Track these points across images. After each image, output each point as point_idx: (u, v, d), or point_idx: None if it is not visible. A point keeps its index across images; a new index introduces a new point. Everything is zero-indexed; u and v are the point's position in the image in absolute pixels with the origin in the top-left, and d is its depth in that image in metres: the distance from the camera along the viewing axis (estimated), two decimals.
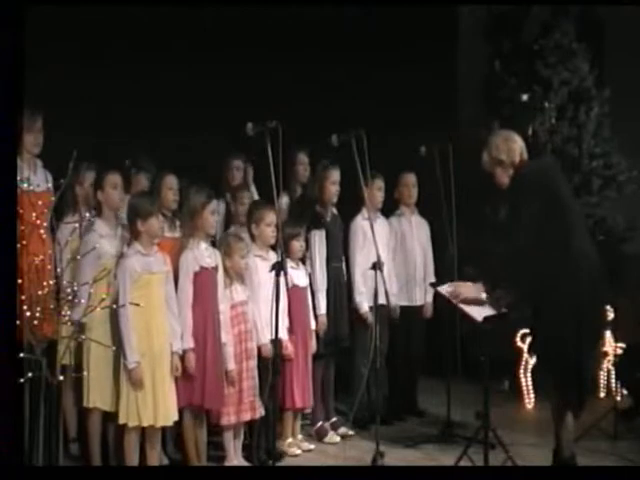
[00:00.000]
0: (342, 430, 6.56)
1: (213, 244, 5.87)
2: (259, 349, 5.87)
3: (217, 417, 5.69)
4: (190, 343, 5.46)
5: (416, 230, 7.27)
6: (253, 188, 6.98)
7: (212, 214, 5.64)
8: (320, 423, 6.56)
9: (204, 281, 5.56)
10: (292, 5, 7.85)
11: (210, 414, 5.69)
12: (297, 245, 6.23)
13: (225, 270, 5.73)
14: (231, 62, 7.94)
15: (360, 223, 6.81)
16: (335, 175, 6.62)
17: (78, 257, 5.18)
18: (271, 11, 7.94)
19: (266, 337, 5.84)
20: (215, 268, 5.63)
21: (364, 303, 6.70)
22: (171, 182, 5.95)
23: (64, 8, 6.67)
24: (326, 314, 6.47)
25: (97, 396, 5.37)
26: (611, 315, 7.47)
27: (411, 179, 7.18)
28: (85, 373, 5.31)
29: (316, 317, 6.41)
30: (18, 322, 4.63)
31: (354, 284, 6.72)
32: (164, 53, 7.63)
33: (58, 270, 5.00)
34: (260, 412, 5.79)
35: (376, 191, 6.85)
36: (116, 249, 5.47)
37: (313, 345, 6.33)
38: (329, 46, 8.29)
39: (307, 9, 7.91)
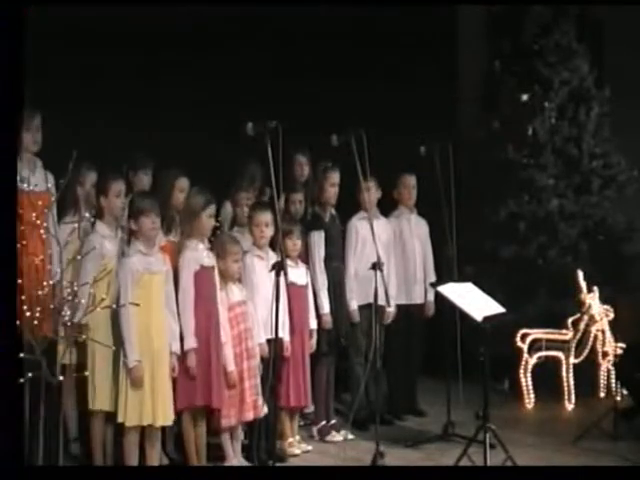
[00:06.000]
0: (342, 433, 6.54)
1: (210, 243, 5.86)
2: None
3: (218, 418, 5.66)
4: (193, 343, 5.45)
5: (415, 228, 7.24)
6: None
7: (209, 218, 5.67)
8: (324, 422, 6.56)
9: (204, 280, 5.56)
10: (293, 5, 7.85)
11: (212, 415, 5.67)
12: (290, 243, 6.20)
13: (219, 271, 5.73)
14: (231, 62, 7.94)
15: (355, 223, 6.81)
16: (334, 177, 6.64)
17: (78, 257, 5.18)
18: (272, 11, 7.93)
19: (262, 337, 5.84)
20: (213, 268, 5.64)
21: (353, 301, 6.70)
22: (183, 184, 5.97)
23: (64, 8, 6.67)
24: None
25: (103, 398, 5.34)
26: (611, 315, 7.47)
27: (411, 181, 7.17)
28: (89, 375, 5.29)
29: (319, 316, 6.41)
30: (18, 322, 4.63)
31: (346, 283, 6.74)
32: (164, 52, 7.62)
33: (58, 270, 5.01)
34: (263, 411, 5.76)
35: (366, 192, 6.65)
36: (117, 249, 5.48)
37: (312, 344, 6.32)
38: (329, 46, 8.29)
39: (307, 9, 7.91)
